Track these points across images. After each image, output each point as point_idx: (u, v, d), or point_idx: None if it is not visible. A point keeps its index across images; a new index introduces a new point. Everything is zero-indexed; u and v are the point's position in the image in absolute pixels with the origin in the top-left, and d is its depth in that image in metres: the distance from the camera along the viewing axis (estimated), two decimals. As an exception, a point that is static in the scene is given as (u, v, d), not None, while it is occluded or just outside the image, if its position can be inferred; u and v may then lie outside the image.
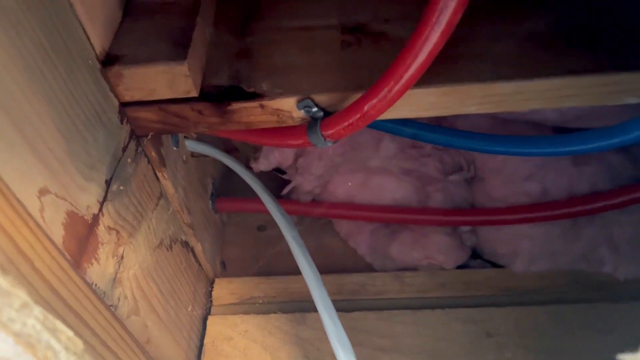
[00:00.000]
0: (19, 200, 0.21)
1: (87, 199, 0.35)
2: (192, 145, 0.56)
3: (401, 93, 0.34)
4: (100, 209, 0.37)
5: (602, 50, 0.41)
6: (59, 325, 0.23)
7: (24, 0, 0.28)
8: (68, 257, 0.29)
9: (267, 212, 0.64)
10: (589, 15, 0.44)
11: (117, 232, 0.40)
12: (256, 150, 0.74)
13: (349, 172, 0.64)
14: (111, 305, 0.37)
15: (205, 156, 0.63)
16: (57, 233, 0.30)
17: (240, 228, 0.74)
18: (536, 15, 0.44)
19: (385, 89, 0.34)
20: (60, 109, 0.32)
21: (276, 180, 0.69)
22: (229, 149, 0.77)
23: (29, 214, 0.22)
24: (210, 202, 0.66)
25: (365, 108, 0.36)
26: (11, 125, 0.27)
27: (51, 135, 0.31)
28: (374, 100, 0.35)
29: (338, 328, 0.46)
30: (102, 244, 0.37)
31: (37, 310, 0.20)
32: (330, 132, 0.40)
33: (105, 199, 0.38)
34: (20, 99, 0.28)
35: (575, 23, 0.44)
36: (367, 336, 0.58)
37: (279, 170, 0.69)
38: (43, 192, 0.30)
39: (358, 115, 0.37)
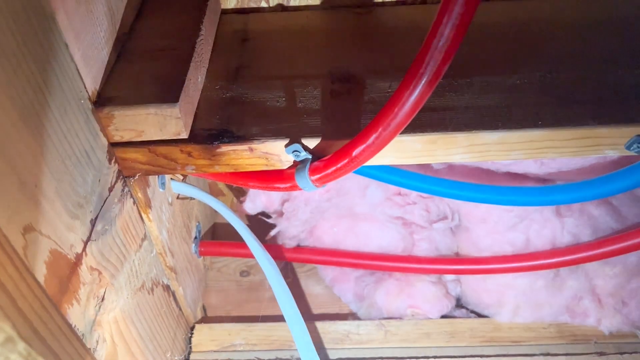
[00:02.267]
0: (5, 236, 0.21)
1: (72, 237, 0.35)
2: (178, 188, 0.56)
3: (389, 139, 0.35)
4: (84, 249, 0.36)
5: (584, 105, 0.43)
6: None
7: (24, 41, 0.29)
8: (50, 296, 0.28)
9: (251, 257, 0.63)
10: (574, 71, 0.46)
11: (99, 272, 0.39)
12: (242, 193, 0.75)
13: (335, 218, 0.64)
14: (89, 349, 0.35)
15: (191, 199, 0.62)
16: (40, 271, 0.30)
17: (222, 273, 0.73)
18: (523, 70, 0.46)
19: (374, 135, 0.35)
20: (51, 147, 0.32)
21: (261, 225, 0.69)
22: (215, 192, 0.77)
23: (15, 251, 0.21)
24: (193, 245, 0.65)
25: (354, 153, 0.36)
26: (3, 161, 0.27)
27: (41, 173, 0.31)
28: (363, 146, 0.35)
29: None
30: (84, 285, 0.36)
31: (22, 346, 0.20)
32: (318, 176, 0.40)
33: (89, 238, 0.37)
34: (14, 136, 0.28)
35: (561, 79, 0.45)
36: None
37: (264, 214, 0.69)
38: (28, 229, 0.29)
39: (346, 160, 0.37)
